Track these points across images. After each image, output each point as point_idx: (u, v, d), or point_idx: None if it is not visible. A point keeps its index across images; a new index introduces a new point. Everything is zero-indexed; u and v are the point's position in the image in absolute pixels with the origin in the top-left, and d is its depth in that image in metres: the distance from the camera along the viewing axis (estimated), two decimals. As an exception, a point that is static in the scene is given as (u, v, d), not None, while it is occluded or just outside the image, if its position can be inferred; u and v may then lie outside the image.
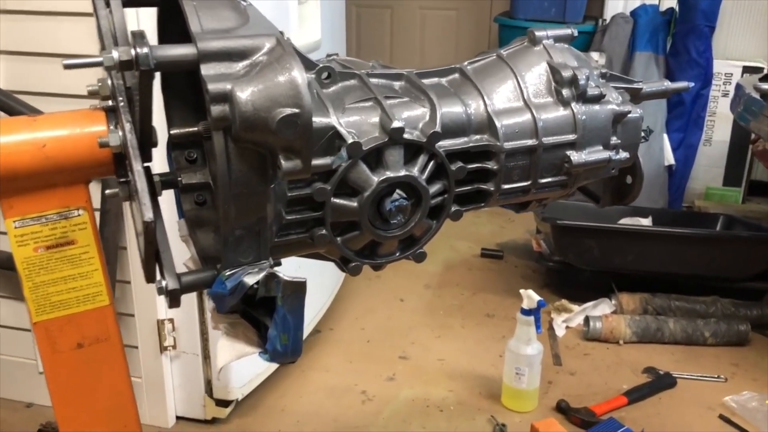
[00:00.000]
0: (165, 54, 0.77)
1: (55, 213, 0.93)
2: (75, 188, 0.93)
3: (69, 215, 0.93)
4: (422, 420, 2.18)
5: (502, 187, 1.05)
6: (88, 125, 0.92)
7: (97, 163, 0.91)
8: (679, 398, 2.30)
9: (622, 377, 2.41)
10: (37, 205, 0.92)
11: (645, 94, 1.23)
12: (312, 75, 0.98)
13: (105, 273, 0.98)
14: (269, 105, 0.76)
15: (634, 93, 1.22)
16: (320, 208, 0.95)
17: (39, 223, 0.92)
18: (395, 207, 0.96)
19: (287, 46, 0.80)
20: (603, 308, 2.77)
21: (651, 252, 2.73)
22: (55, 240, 0.94)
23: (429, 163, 0.99)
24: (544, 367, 2.35)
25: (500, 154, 1.02)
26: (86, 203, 0.94)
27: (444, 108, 1.01)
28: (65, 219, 0.93)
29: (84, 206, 0.94)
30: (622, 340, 2.61)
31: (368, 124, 0.96)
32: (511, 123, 1.03)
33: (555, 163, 1.07)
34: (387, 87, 1.03)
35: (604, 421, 2.08)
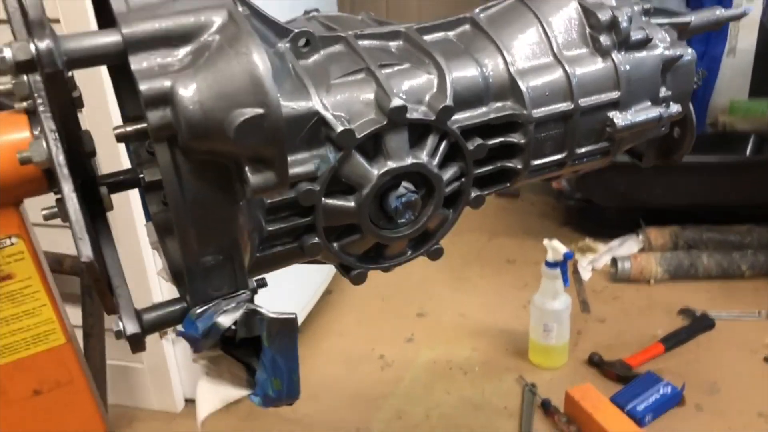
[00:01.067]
0: (78, 46, 0.57)
1: (-20, 245, 0.75)
2: (3, 212, 0.75)
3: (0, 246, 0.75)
4: (446, 384, 2.05)
5: (531, 164, 0.86)
6: (4, 133, 0.73)
7: (23, 180, 0.72)
8: (718, 341, 2.15)
9: (655, 321, 2.26)
10: (-43, 237, 0.74)
11: (694, 28, 1.01)
12: (286, 44, 0.78)
13: (56, 307, 0.81)
14: (223, 105, 0.57)
15: (681, 28, 1.00)
16: (309, 213, 0.76)
17: (-38, 260, 0.74)
18: (402, 204, 0.78)
19: (242, 20, 0.59)
20: (630, 246, 2.60)
21: (679, 184, 2.52)
22: (-13, 277, 0.76)
23: (440, 145, 0.79)
24: (572, 314, 2.20)
25: (528, 124, 0.82)
26: (19, 229, 0.76)
27: (455, 72, 0.80)
28: (-5, 250, 0.75)
29: (17, 233, 0.76)
30: (653, 279, 2.45)
31: (361, 104, 0.76)
32: (540, 84, 0.83)
33: (594, 128, 0.87)
34: (381, 51, 0.82)
35: (642, 375, 1.94)
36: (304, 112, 0.72)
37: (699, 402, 1.90)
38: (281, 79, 0.74)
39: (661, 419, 1.84)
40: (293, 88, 0.73)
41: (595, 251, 2.61)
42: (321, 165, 0.68)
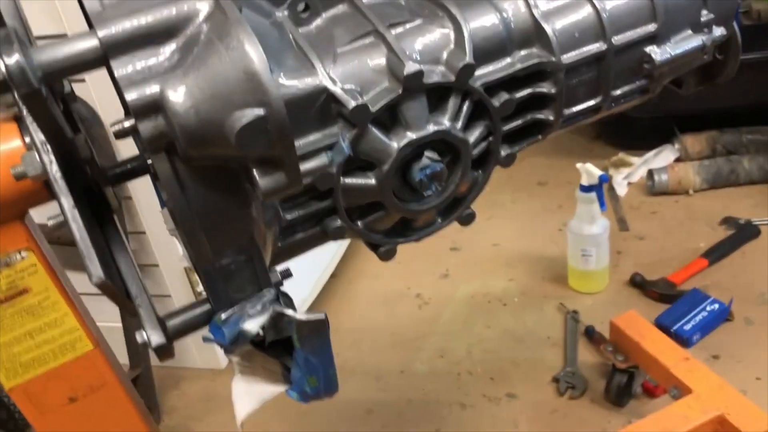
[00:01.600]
0: (53, 58, 0.51)
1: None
2: (8, 228, 0.71)
3: (10, 261, 0.72)
4: (485, 318, 2.02)
5: (564, 113, 0.79)
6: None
7: (23, 193, 0.68)
8: (765, 249, 2.08)
9: (697, 234, 2.19)
10: (-37, 259, 0.70)
11: None
12: (284, 12, 0.71)
13: (79, 314, 0.78)
14: (220, 108, 0.51)
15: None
16: (328, 196, 0.71)
17: (-27, 280, 0.71)
18: (427, 176, 0.72)
19: (230, 6, 0.52)
20: (666, 156, 2.50)
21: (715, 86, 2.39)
22: (2, 294, 0.73)
23: (463, 105, 0.73)
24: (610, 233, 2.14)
25: (558, 72, 0.75)
26: (28, 242, 0.72)
27: (473, 23, 0.73)
28: (6, 266, 0.72)
29: (26, 246, 0.72)
30: (692, 189, 2.36)
31: (372, 71, 0.69)
32: (567, 25, 0.75)
33: (631, 66, 0.80)
34: (389, 6, 0.75)
35: (687, 293, 1.89)
36: (312, 89, 0.66)
37: (748, 315, 1.85)
38: (282, 55, 0.67)
39: (710, 337, 1.80)
40: (297, 64, 0.67)
41: (630, 165, 2.51)
42: (335, 156, 0.62)
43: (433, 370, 1.88)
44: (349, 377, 1.88)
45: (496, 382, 1.80)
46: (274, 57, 0.65)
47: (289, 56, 0.67)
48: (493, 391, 1.78)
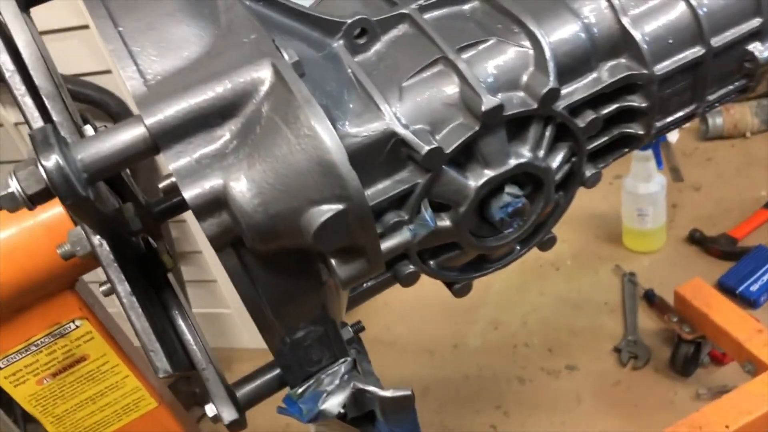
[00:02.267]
0: (97, 155, 0.44)
1: (44, 335, 0.67)
2: (60, 298, 0.66)
3: (64, 332, 0.67)
4: (538, 284, 1.96)
5: (655, 125, 0.70)
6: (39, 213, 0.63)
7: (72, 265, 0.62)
8: (832, 195, 1.97)
9: (757, 181, 2.08)
10: (17, 334, 0.66)
11: None
12: (339, 42, 0.63)
13: (140, 374, 0.74)
14: (294, 205, 0.44)
15: None
16: (401, 243, 0.64)
17: (30, 353, 0.67)
18: (508, 214, 0.64)
19: (294, 78, 0.45)
20: (719, 96, 2.36)
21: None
22: (59, 364, 0.69)
23: (545, 131, 0.65)
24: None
25: (650, 84, 0.66)
26: (81, 310, 0.68)
27: (552, 35, 0.64)
28: (62, 337, 0.68)
29: (80, 315, 0.67)
30: (749, 132, 2.24)
31: (443, 106, 0.61)
32: (659, 29, 0.65)
33: (730, 67, 0.70)
34: (456, 23, 0.66)
35: (751, 250, 1.80)
36: (380, 136, 0.58)
37: (818, 270, 1.77)
38: (343, 97, 0.59)
39: (778, 296, 1.73)
40: (360, 106, 0.59)
41: (680, 108, 2.39)
42: (417, 230, 0.55)
43: (488, 343, 1.84)
44: (403, 353, 1.85)
45: (555, 353, 1.76)
46: (335, 100, 0.58)
47: (351, 97, 0.60)
48: (552, 364, 1.73)
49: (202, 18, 0.49)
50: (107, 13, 0.48)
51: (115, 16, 0.48)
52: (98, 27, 0.47)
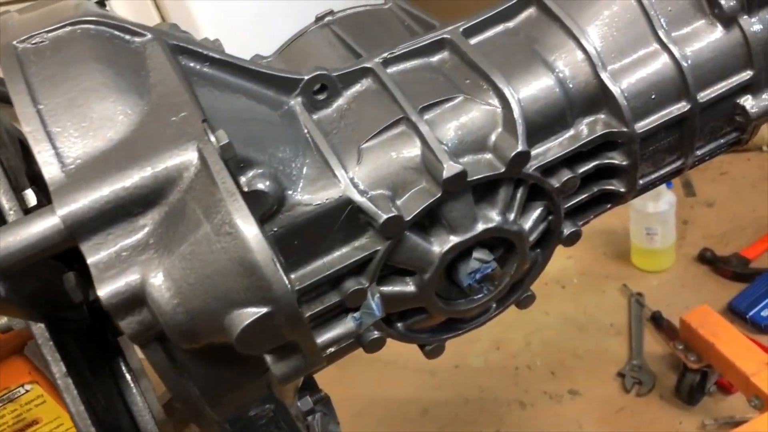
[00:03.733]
0: (5, 251, 0.41)
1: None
2: (8, 364, 0.64)
3: (13, 396, 0.65)
4: (544, 303, 1.91)
5: (638, 183, 0.66)
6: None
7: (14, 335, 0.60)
8: None
9: (773, 197, 2.01)
10: (-36, 400, 0.63)
11: None
12: (297, 98, 0.59)
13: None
14: (215, 306, 0.41)
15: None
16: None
17: (-22, 419, 0.64)
18: (476, 280, 0.61)
19: (219, 167, 0.41)
20: (735, 107, 2.29)
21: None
22: (10, 429, 0.66)
23: (516, 193, 0.61)
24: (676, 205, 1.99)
25: (631, 143, 0.62)
26: (31, 374, 0.65)
27: (523, 91, 0.60)
28: (11, 402, 0.65)
29: (29, 380, 0.65)
30: (766, 145, 2.17)
31: (404, 170, 0.57)
32: (641, 84, 0.61)
33: (719, 122, 0.65)
34: (422, 73, 0.62)
35: (763, 271, 1.74)
36: (334, 204, 0.55)
37: (833, 295, 1.71)
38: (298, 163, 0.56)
39: (790, 322, 1.67)
40: (316, 172, 0.56)
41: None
42: (363, 319, 0.51)
43: (490, 363, 1.80)
44: (402, 372, 1.82)
45: (557, 377, 1.72)
46: (287, 165, 0.55)
47: (306, 161, 0.56)
48: (554, 388, 1.69)
49: (131, 92, 0.46)
50: (26, 88, 0.45)
51: (35, 92, 0.45)
52: (16, 105, 0.44)
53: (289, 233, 0.54)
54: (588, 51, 0.60)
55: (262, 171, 0.52)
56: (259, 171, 0.52)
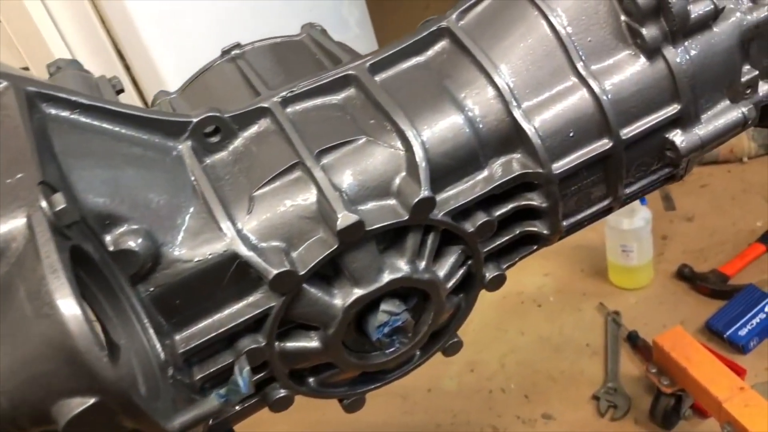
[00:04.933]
0: None
1: None
2: None
3: None
4: (519, 322, 1.87)
5: (562, 225, 0.62)
6: None
7: None
8: (831, 228, 1.86)
9: (753, 210, 1.97)
10: None
11: None
12: (187, 142, 0.55)
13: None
14: (39, 396, 0.37)
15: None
16: (263, 367, 0.57)
17: None
18: (385, 334, 0.57)
19: (44, 234, 0.37)
20: (716, 117, 2.25)
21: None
22: None
23: (427, 239, 0.57)
24: (654, 214, 1.94)
25: (549, 184, 0.58)
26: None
27: (429, 131, 0.56)
28: None
29: None
30: (746, 156, 2.12)
31: (299, 219, 0.53)
32: (558, 122, 0.57)
33: (649, 156, 0.61)
34: (325, 112, 0.58)
35: (741, 289, 1.69)
36: (219, 259, 0.51)
37: (813, 312, 1.66)
38: (179, 212, 0.52)
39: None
40: (199, 223, 0.52)
41: (675, 131, 2.28)
42: (230, 397, 0.47)
43: (463, 386, 1.75)
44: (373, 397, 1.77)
45: (531, 400, 1.67)
46: (164, 219, 0.51)
47: (190, 211, 0.52)
48: (527, 412, 1.64)
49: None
50: None
51: None
52: None
53: (168, 292, 0.50)
54: (500, 87, 0.56)
55: (134, 227, 0.48)
56: (130, 227, 0.48)
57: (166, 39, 1.35)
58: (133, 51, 1.33)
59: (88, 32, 1.32)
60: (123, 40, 1.33)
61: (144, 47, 1.32)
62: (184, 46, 1.36)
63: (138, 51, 1.32)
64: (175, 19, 1.39)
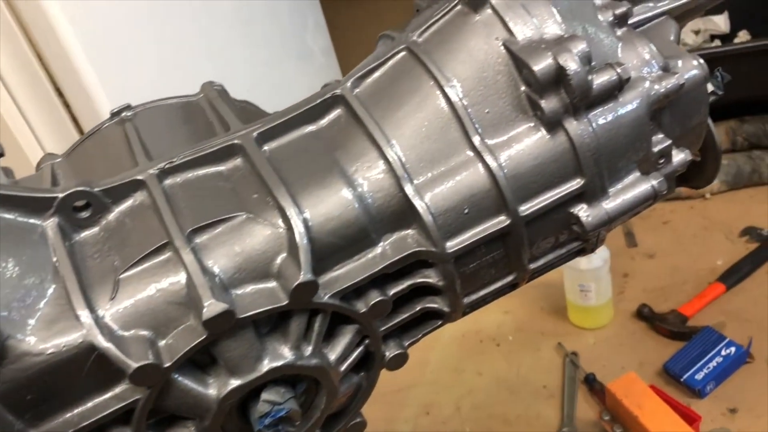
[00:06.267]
0: None
1: None
2: None
3: None
4: (477, 362, 1.83)
5: (463, 302, 0.58)
6: None
7: None
8: (791, 267, 1.84)
9: (714, 248, 1.95)
10: None
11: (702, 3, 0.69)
12: (52, 220, 0.51)
13: None
14: None
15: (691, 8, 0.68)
16: (136, 460, 0.52)
17: None
18: (267, 426, 0.53)
19: None
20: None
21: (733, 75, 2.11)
22: None
23: (314, 322, 0.53)
24: (616, 251, 1.92)
25: (444, 263, 0.54)
26: None
27: (315, 209, 0.52)
28: None
29: None
30: (709, 192, 2.11)
31: (168, 304, 0.50)
32: (452, 198, 0.54)
33: (554, 231, 0.58)
34: (208, 183, 0.54)
35: (699, 331, 1.66)
36: (74, 351, 0.47)
37: (771, 355, 1.63)
38: (37, 299, 0.48)
39: (726, 385, 1.59)
40: (56, 311, 0.48)
41: (639, 165, 2.27)
42: None
43: (418, 430, 1.71)
44: (328, 440, 1.73)
45: (486, 445, 1.63)
46: (16, 305, 0.47)
47: (47, 296, 0.48)
48: (482, 458, 1.60)
49: None
50: None
51: None
52: None
53: (18, 388, 0.46)
54: (391, 161, 0.53)
55: (-28, 320, 0.44)
56: (-33, 321, 0.44)
57: (107, 79, 1.31)
58: (70, 89, 1.29)
59: (22, 66, 1.29)
60: (60, 76, 1.29)
61: (83, 87, 1.29)
62: (126, 86, 1.33)
63: (75, 89, 1.29)
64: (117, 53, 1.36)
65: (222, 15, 1.86)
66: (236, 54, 1.98)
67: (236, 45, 1.98)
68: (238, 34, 2.00)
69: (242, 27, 2.01)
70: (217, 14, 1.85)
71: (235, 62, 1.96)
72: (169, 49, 1.57)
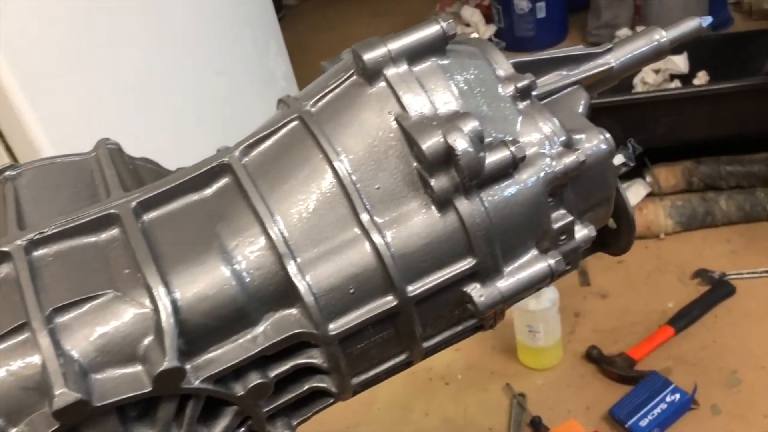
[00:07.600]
0: None
1: None
2: None
3: None
4: (425, 401, 1.81)
5: (352, 382, 0.56)
6: None
7: None
8: (740, 312, 1.84)
9: (666, 290, 1.95)
10: None
11: (631, 63, 0.68)
12: None
13: None
14: None
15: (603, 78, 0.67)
16: None
17: None
18: None
19: None
20: (637, 190, 2.24)
21: (688, 117, 2.13)
22: None
23: (186, 407, 0.50)
24: (568, 289, 1.92)
25: (327, 345, 0.52)
26: None
27: (188, 288, 0.50)
28: None
29: None
30: (663, 233, 2.12)
31: (22, 390, 0.47)
32: (335, 276, 0.51)
33: (447, 310, 0.56)
34: (78, 259, 0.51)
35: (646, 377, 1.66)
36: None
37: (715, 402, 1.62)
38: None
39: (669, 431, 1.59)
40: None
41: (596, 203, 2.27)
42: None
43: (361, 472, 1.68)
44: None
45: (428, 490, 1.60)
46: None
47: None
48: (423, 503, 1.57)
49: None
50: None
51: None
52: None
53: None
54: (273, 237, 0.51)
55: None
56: None
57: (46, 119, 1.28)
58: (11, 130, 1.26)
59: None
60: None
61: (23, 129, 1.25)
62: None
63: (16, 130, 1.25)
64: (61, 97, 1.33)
65: (180, 39, 1.82)
66: (192, 80, 1.95)
67: (197, 70, 1.95)
68: (199, 60, 1.97)
69: (202, 52, 1.98)
70: (173, 39, 1.81)
71: (190, 88, 1.93)
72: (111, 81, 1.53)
